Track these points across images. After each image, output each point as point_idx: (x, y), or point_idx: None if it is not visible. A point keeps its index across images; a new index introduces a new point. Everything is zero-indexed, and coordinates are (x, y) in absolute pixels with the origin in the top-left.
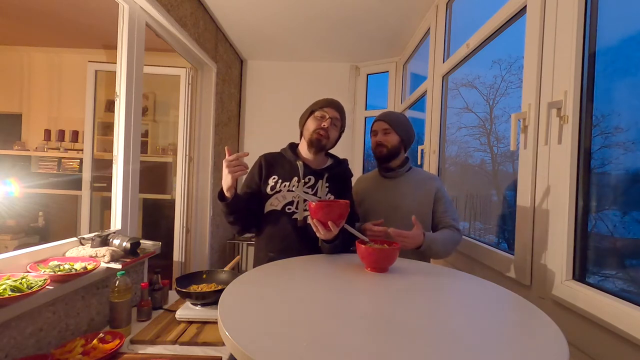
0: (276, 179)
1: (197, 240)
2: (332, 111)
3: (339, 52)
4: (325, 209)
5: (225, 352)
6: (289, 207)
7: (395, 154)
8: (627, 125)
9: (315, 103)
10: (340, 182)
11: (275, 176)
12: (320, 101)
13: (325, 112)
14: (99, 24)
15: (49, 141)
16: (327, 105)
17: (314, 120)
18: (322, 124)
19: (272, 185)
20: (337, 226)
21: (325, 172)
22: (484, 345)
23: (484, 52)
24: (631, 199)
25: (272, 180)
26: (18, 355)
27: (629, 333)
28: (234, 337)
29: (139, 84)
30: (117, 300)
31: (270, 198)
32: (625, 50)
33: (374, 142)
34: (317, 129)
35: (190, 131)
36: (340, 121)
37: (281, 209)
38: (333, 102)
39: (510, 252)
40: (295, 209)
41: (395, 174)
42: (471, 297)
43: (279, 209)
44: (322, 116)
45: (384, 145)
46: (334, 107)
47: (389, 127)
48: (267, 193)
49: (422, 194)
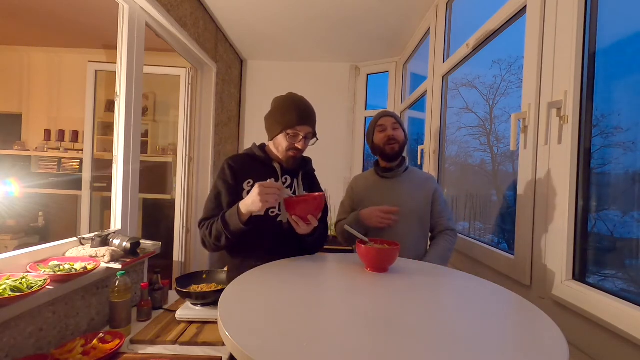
0: (252, 182)
1: (197, 240)
2: (306, 128)
3: (339, 52)
4: (305, 204)
5: (225, 352)
6: (272, 210)
7: (402, 151)
8: (627, 125)
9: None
10: (309, 178)
11: (250, 180)
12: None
13: (298, 131)
14: (99, 24)
15: (49, 141)
16: (301, 122)
17: (285, 138)
18: (294, 144)
19: (248, 190)
20: (317, 218)
21: (299, 169)
22: (484, 345)
23: (484, 52)
24: (631, 199)
25: (248, 184)
26: (18, 355)
27: (629, 333)
28: (234, 337)
29: (139, 84)
30: (117, 300)
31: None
32: (625, 50)
33: (385, 137)
34: (291, 149)
35: (190, 131)
36: (313, 131)
37: (264, 213)
38: (305, 116)
39: (510, 252)
40: (278, 211)
41: (394, 174)
42: (471, 297)
43: (261, 214)
44: (295, 135)
45: (396, 140)
46: (307, 122)
47: (397, 122)
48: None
49: (421, 195)
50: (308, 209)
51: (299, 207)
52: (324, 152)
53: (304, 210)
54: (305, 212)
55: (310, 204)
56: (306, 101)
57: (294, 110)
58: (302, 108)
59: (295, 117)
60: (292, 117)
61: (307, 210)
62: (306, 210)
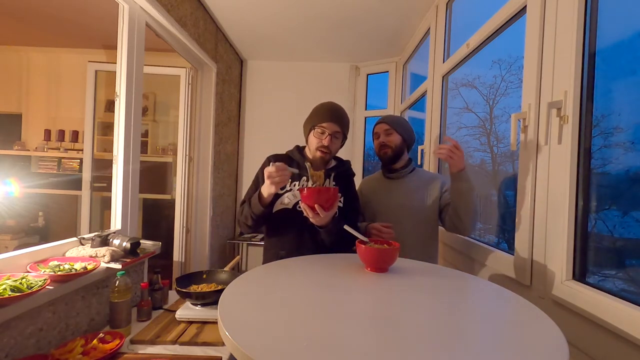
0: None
1: (197, 240)
2: (332, 126)
3: (339, 52)
4: (313, 194)
5: (225, 352)
6: (299, 206)
7: (399, 154)
8: (627, 125)
9: (316, 113)
10: (345, 180)
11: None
12: (320, 113)
13: (325, 127)
14: (98, 24)
15: (49, 141)
16: (327, 119)
17: (314, 137)
18: (322, 141)
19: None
20: (325, 210)
21: (332, 171)
22: (484, 345)
23: (484, 52)
24: (631, 199)
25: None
26: (18, 355)
27: (629, 333)
28: (234, 337)
29: (139, 84)
30: (117, 300)
31: (281, 197)
32: (625, 50)
33: (377, 145)
34: (319, 147)
35: (190, 131)
36: (342, 132)
37: (292, 207)
38: (333, 114)
39: (510, 252)
40: None
41: (399, 175)
42: (471, 297)
43: (290, 207)
44: (322, 132)
45: (387, 146)
46: (334, 120)
47: (390, 128)
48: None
49: (427, 193)
50: (317, 199)
51: (309, 196)
52: None
53: (312, 199)
54: (313, 202)
55: (319, 195)
56: (338, 105)
57: (322, 108)
58: (330, 107)
59: (322, 114)
60: (319, 114)
61: (316, 200)
62: (315, 200)
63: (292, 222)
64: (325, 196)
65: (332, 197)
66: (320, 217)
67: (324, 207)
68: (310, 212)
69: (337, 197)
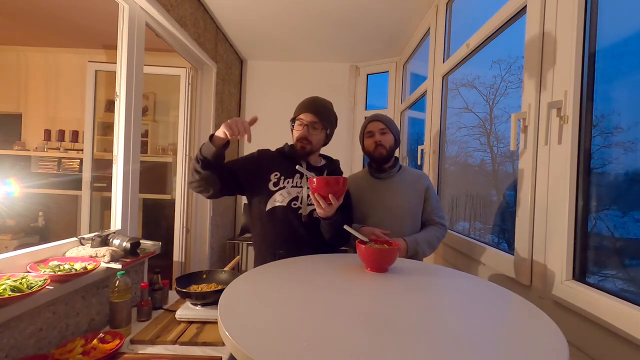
0: (278, 175)
1: (197, 240)
2: (308, 116)
3: (339, 52)
4: (327, 182)
5: (225, 352)
6: (294, 203)
7: (392, 154)
8: (627, 125)
9: (297, 107)
10: None
11: (277, 172)
12: (299, 106)
13: (302, 119)
14: (98, 24)
15: (49, 141)
16: (304, 110)
17: (295, 130)
18: (299, 133)
19: (274, 181)
20: (337, 200)
21: (324, 169)
22: (484, 345)
23: (484, 52)
24: (631, 199)
25: (274, 176)
26: (18, 355)
27: (629, 333)
28: (234, 337)
29: (139, 84)
30: (117, 300)
31: (274, 194)
32: (626, 50)
33: (372, 143)
34: (298, 138)
35: (190, 131)
36: (321, 122)
37: (287, 204)
38: (310, 105)
39: (510, 252)
40: (300, 204)
41: (389, 175)
42: (471, 297)
43: (284, 205)
44: (300, 123)
45: (383, 146)
46: (310, 110)
47: (385, 127)
48: (270, 189)
49: (413, 194)
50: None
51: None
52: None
53: (327, 189)
54: (327, 191)
55: (333, 184)
56: (320, 99)
57: (302, 102)
58: (309, 100)
59: (300, 107)
60: (298, 107)
61: (330, 189)
62: (328, 189)
63: (288, 220)
64: (336, 186)
65: (342, 187)
66: (333, 206)
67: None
68: (322, 202)
69: (346, 187)
